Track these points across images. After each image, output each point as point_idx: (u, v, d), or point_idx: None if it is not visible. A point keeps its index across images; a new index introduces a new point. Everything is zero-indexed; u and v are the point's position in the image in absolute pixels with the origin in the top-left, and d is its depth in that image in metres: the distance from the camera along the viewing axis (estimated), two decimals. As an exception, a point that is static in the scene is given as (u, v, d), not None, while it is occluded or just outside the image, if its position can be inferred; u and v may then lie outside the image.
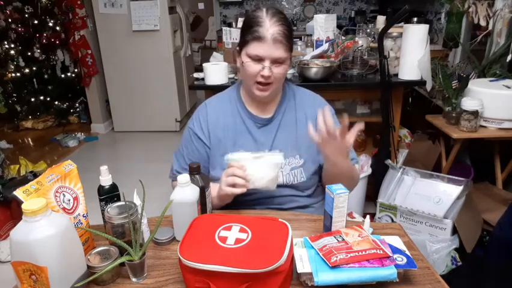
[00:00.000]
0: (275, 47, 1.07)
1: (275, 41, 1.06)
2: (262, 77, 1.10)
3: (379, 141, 2.30)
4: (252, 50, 1.09)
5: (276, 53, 1.08)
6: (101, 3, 3.71)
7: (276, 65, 1.10)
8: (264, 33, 1.06)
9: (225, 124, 1.22)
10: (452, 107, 2.08)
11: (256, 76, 1.11)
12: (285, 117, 1.23)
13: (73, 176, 0.92)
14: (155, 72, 3.93)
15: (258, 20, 1.08)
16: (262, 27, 1.06)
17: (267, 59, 1.08)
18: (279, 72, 1.11)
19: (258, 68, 1.09)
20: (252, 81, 1.13)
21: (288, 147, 1.19)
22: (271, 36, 1.06)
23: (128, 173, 2.87)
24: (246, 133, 1.21)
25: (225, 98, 1.27)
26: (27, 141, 4.08)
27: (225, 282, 0.76)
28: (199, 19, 7.02)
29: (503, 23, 2.26)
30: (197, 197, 0.97)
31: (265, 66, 1.08)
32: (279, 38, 1.06)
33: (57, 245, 0.74)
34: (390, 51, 2.20)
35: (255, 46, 1.08)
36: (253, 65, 1.10)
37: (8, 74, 3.94)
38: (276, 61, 1.09)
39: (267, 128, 1.22)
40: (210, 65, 2.13)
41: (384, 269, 0.79)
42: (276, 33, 1.06)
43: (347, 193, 0.94)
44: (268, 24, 1.06)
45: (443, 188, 1.83)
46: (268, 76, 1.09)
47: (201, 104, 1.30)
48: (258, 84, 1.12)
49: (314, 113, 1.22)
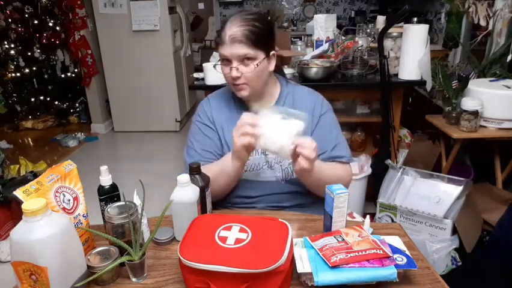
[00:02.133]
0: (234, 47, 1.10)
1: (233, 40, 1.10)
2: (232, 79, 1.14)
3: (379, 141, 2.30)
4: (220, 53, 1.14)
5: (238, 51, 1.10)
6: (101, 3, 3.71)
7: (244, 64, 1.12)
8: (223, 35, 1.11)
9: (227, 117, 1.24)
10: (452, 107, 2.08)
11: (229, 78, 1.15)
12: None
13: (73, 176, 0.92)
14: (155, 72, 3.93)
15: (222, 26, 1.14)
16: (223, 29, 1.12)
17: (233, 59, 1.12)
18: (247, 71, 1.12)
19: (227, 69, 1.14)
20: (231, 83, 1.17)
21: None
22: (228, 38, 1.10)
23: (128, 173, 2.88)
24: None
25: (223, 94, 1.30)
26: (27, 141, 4.08)
27: (225, 282, 0.76)
28: (199, 19, 7.02)
29: (503, 23, 2.26)
30: (197, 197, 0.97)
31: (232, 67, 1.12)
32: (238, 38, 1.09)
33: (57, 245, 0.74)
34: (390, 51, 2.20)
35: (220, 48, 1.14)
36: (224, 67, 1.15)
37: (8, 74, 3.93)
38: (242, 60, 1.12)
39: None
40: (210, 65, 2.13)
41: (384, 269, 0.79)
42: (233, 34, 1.09)
43: (347, 193, 0.94)
44: (228, 26, 1.11)
45: (443, 188, 1.83)
46: (237, 76, 1.12)
47: (203, 99, 1.32)
48: (234, 85, 1.16)
49: (311, 109, 1.24)
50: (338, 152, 1.24)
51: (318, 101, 1.27)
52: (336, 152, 1.24)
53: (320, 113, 1.25)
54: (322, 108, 1.26)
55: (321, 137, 1.21)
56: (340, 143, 1.26)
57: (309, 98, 1.27)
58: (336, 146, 1.24)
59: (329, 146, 1.23)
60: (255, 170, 1.21)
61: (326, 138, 1.23)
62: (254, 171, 1.21)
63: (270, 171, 1.21)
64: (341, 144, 1.26)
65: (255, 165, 1.21)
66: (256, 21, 1.12)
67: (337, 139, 1.26)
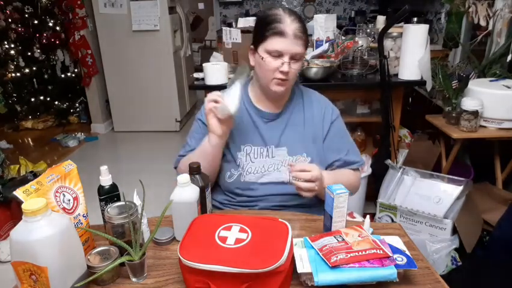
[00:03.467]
0: (296, 43, 1.09)
1: (296, 36, 1.09)
2: (281, 73, 1.11)
3: (379, 141, 2.30)
4: (271, 45, 1.10)
5: (295, 49, 1.10)
6: (101, 3, 3.71)
7: (294, 61, 1.12)
8: (285, 29, 1.08)
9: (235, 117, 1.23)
10: (452, 107, 2.08)
11: (274, 72, 1.12)
12: (294, 115, 1.24)
13: (73, 176, 0.92)
14: (155, 72, 3.93)
15: (277, 18, 1.10)
16: (283, 23, 1.09)
17: (286, 54, 1.10)
18: (296, 68, 1.13)
19: (277, 63, 1.11)
20: (270, 77, 1.14)
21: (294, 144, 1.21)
22: (292, 32, 1.08)
23: (128, 173, 2.88)
24: (253, 128, 1.23)
25: None
26: (27, 141, 4.08)
27: (225, 282, 0.76)
28: (199, 19, 7.01)
29: (503, 23, 2.26)
30: (197, 197, 0.97)
31: (284, 62, 1.10)
32: (299, 34, 1.09)
33: (57, 245, 0.74)
34: (390, 51, 2.20)
35: (275, 41, 1.10)
36: (272, 61, 1.11)
37: (8, 74, 3.93)
38: (294, 57, 1.11)
39: (274, 124, 1.23)
40: (210, 65, 2.13)
41: (384, 269, 0.79)
42: (296, 29, 1.09)
43: (347, 193, 0.94)
44: (289, 20, 1.09)
45: (443, 188, 1.83)
46: (288, 72, 1.11)
47: None
48: (277, 79, 1.13)
49: (321, 113, 1.25)
50: (351, 157, 1.26)
51: (328, 107, 1.28)
52: (349, 157, 1.26)
53: (331, 120, 1.25)
54: (332, 114, 1.26)
55: (333, 144, 1.24)
56: (352, 147, 1.28)
57: (318, 102, 1.28)
58: (348, 151, 1.26)
59: (342, 152, 1.25)
60: (260, 172, 1.20)
61: (339, 145, 1.25)
62: (259, 173, 1.20)
63: (277, 173, 1.20)
64: (352, 148, 1.28)
65: (260, 168, 1.20)
66: (302, 20, 1.14)
67: (349, 144, 1.28)
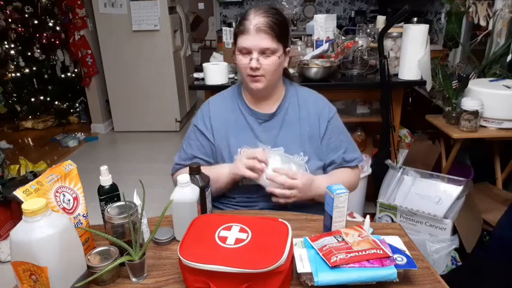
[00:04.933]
0: (259, 37, 1.09)
1: (258, 30, 1.09)
2: (251, 69, 1.13)
3: (379, 141, 2.30)
4: (239, 43, 1.13)
5: (261, 43, 1.10)
6: (101, 3, 3.71)
7: (265, 56, 1.12)
8: (247, 25, 1.10)
9: (226, 120, 1.24)
10: (452, 107, 2.08)
11: (246, 69, 1.14)
12: (288, 114, 1.24)
13: (73, 176, 0.92)
14: (155, 72, 3.93)
15: (244, 15, 1.13)
16: (247, 20, 1.11)
17: (253, 50, 1.11)
18: (267, 63, 1.12)
19: (246, 60, 1.13)
20: (245, 75, 1.16)
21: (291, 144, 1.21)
22: (253, 27, 1.09)
23: (128, 173, 2.88)
24: (248, 129, 1.23)
25: (226, 96, 1.30)
26: (27, 141, 4.08)
27: (225, 282, 0.76)
28: (199, 19, 7.01)
29: (503, 23, 2.26)
30: (197, 197, 0.97)
31: (252, 58, 1.11)
32: (262, 28, 1.09)
33: (57, 245, 0.74)
34: (390, 51, 2.20)
35: (241, 39, 1.12)
36: (243, 58, 1.13)
37: (8, 74, 3.94)
38: (263, 52, 1.11)
39: (269, 124, 1.23)
40: (210, 65, 2.13)
41: (384, 269, 0.79)
42: (259, 24, 1.09)
43: (347, 193, 0.94)
44: (252, 16, 1.11)
45: (443, 188, 1.83)
46: (256, 67, 1.12)
47: (204, 103, 1.32)
48: (250, 76, 1.15)
49: (317, 111, 1.24)
50: (350, 155, 1.25)
51: (325, 105, 1.27)
52: (348, 155, 1.25)
53: (328, 118, 1.25)
54: (329, 112, 1.26)
55: (331, 143, 1.23)
56: (350, 144, 1.28)
57: (315, 101, 1.27)
58: (347, 148, 1.26)
59: (340, 150, 1.24)
60: None
61: (337, 144, 1.24)
62: None
63: None
64: (351, 145, 1.28)
65: None
66: (278, 15, 1.13)
67: (346, 141, 1.27)
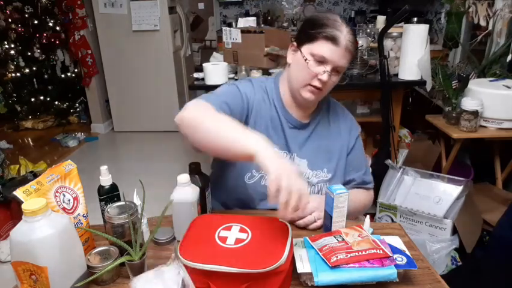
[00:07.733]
0: (345, 54, 1.02)
1: (347, 49, 1.01)
2: (319, 81, 1.03)
3: (379, 141, 2.30)
4: (319, 49, 1.01)
5: (342, 61, 1.03)
6: (101, 3, 3.71)
7: (335, 73, 1.04)
8: (339, 37, 1.00)
9: (263, 110, 1.13)
10: (452, 107, 2.08)
11: (312, 77, 1.04)
12: (319, 126, 1.18)
13: (73, 176, 0.92)
14: (155, 72, 3.93)
15: (334, 23, 1.02)
16: (339, 31, 1.00)
17: (330, 63, 1.02)
18: (333, 81, 1.05)
19: (318, 69, 1.02)
20: (305, 82, 1.05)
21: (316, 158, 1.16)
22: (345, 42, 1.00)
23: (128, 173, 2.88)
24: (280, 130, 1.14)
25: (261, 86, 1.17)
26: (27, 141, 4.08)
27: (225, 282, 0.76)
28: (199, 19, 7.01)
29: (503, 23, 2.26)
30: (197, 197, 0.97)
31: (326, 71, 1.02)
32: (351, 47, 1.02)
33: (57, 245, 0.74)
34: (390, 51, 2.20)
35: (325, 46, 1.01)
36: (316, 66, 1.03)
37: (8, 74, 3.93)
38: (336, 69, 1.04)
39: (298, 132, 1.16)
40: (210, 65, 2.13)
41: (384, 269, 0.79)
42: (350, 41, 1.01)
43: (347, 193, 0.94)
44: (346, 30, 1.01)
45: (443, 188, 1.83)
46: (325, 82, 1.03)
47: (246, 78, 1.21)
48: (311, 86, 1.05)
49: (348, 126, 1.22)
50: (368, 177, 1.25)
51: (353, 121, 1.25)
52: (366, 177, 1.25)
53: (356, 135, 1.23)
54: (357, 129, 1.25)
55: (355, 160, 1.22)
56: (368, 167, 1.27)
57: (344, 115, 1.24)
58: (366, 171, 1.25)
59: (361, 170, 1.23)
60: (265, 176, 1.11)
61: (359, 163, 1.24)
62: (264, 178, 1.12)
63: None
64: (368, 168, 1.27)
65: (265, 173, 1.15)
66: None
67: (366, 163, 1.27)
